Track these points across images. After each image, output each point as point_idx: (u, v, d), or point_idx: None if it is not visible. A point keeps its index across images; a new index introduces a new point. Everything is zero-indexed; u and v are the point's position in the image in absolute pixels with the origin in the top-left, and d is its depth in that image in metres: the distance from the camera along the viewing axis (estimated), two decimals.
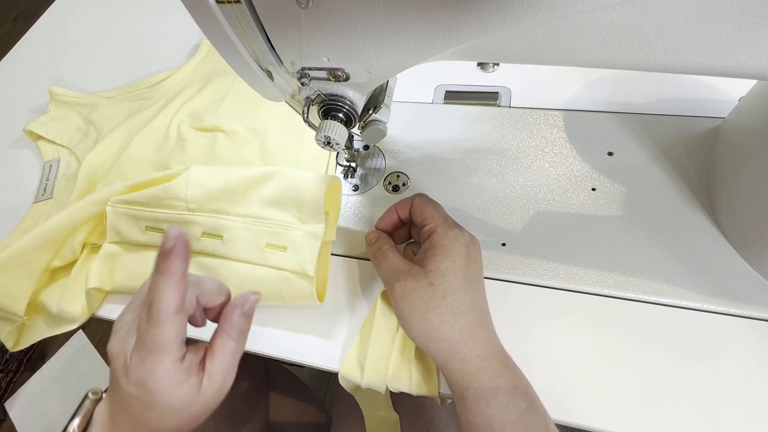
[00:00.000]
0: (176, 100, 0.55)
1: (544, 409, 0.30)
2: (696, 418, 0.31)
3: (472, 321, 0.31)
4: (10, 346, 0.43)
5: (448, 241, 0.33)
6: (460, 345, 0.30)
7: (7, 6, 2.04)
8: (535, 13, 0.22)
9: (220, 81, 0.56)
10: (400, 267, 0.33)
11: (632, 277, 0.36)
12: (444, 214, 0.35)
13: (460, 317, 0.31)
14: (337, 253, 0.42)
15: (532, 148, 0.44)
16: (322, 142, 0.33)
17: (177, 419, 0.26)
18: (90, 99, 0.58)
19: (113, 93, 0.59)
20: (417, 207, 0.36)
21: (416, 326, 0.31)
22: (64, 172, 0.52)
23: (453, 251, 0.32)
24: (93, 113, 0.56)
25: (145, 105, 0.56)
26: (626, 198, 0.40)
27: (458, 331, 0.30)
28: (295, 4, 0.24)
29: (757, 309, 0.33)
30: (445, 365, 0.30)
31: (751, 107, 0.36)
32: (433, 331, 0.31)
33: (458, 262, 0.32)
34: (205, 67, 0.59)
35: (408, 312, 0.32)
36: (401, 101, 0.50)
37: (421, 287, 0.31)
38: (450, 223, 0.34)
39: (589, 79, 0.48)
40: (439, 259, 0.32)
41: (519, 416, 0.28)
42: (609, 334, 0.34)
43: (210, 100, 0.54)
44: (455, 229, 0.33)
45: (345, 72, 0.29)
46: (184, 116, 0.53)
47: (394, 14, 0.24)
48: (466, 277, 0.32)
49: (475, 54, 0.27)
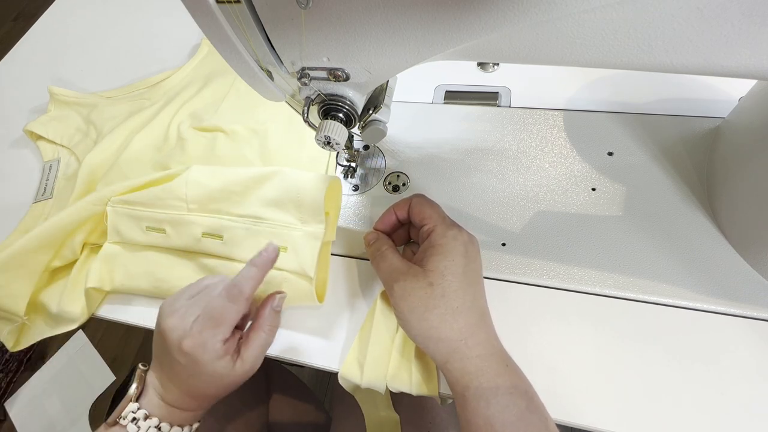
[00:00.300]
0: (176, 100, 0.55)
1: (544, 408, 0.30)
2: (696, 418, 0.31)
3: (472, 320, 0.31)
4: (10, 346, 0.43)
5: (446, 240, 0.33)
6: (460, 344, 0.30)
7: (7, 6, 2.04)
8: (535, 13, 0.22)
9: (220, 81, 0.56)
10: (399, 267, 0.33)
11: (632, 277, 0.36)
12: (442, 213, 0.35)
13: (460, 317, 0.31)
14: (337, 253, 0.42)
15: (532, 148, 0.44)
16: (322, 142, 0.33)
17: (213, 387, 0.33)
18: (90, 99, 0.58)
19: (113, 93, 0.59)
20: (415, 207, 0.36)
21: (416, 326, 0.31)
22: (64, 172, 0.52)
23: (452, 251, 0.32)
24: (93, 113, 0.56)
25: (145, 105, 0.56)
26: (626, 198, 0.40)
27: (458, 330, 0.30)
28: (295, 4, 0.24)
29: (757, 309, 0.33)
30: (445, 365, 0.30)
31: (751, 107, 0.36)
32: (432, 330, 0.31)
33: (457, 261, 0.32)
34: (205, 67, 0.59)
35: (407, 312, 0.32)
36: (401, 101, 0.50)
37: (421, 287, 0.31)
38: (448, 222, 0.34)
39: (589, 79, 0.48)
40: (438, 259, 0.32)
41: (519, 416, 0.28)
42: (609, 334, 0.34)
43: (210, 100, 0.54)
44: (454, 229, 0.33)
45: (345, 72, 0.29)
46: (184, 116, 0.53)
47: (394, 14, 0.24)
48: (465, 276, 0.32)
49: (475, 54, 0.27)
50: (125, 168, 0.49)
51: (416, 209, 0.35)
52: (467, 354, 0.30)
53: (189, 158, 0.48)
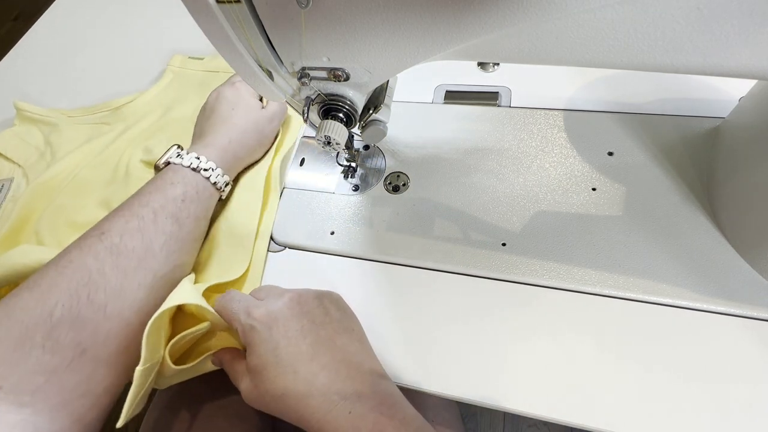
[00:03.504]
0: (134, 129, 0.53)
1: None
2: (695, 418, 0.31)
3: (301, 404, 0.30)
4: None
5: (247, 339, 0.32)
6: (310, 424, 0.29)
7: (7, 6, 2.04)
8: (535, 13, 0.22)
9: (179, 110, 0.53)
10: (238, 375, 0.33)
11: (632, 277, 0.36)
12: (239, 306, 0.34)
13: (288, 401, 0.30)
14: (337, 253, 0.42)
15: (532, 148, 0.44)
16: (322, 142, 0.33)
17: (251, 121, 0.45)
18: (53, 117, 0.56)
19: (76, 113, 0.56)
20: (221, 313, 0.35)
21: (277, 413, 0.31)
22: (15, 193, 0.50)
23: (253, 347, 0.32)
24: (53, 134, 0.54)
25: (104, 130, 0.54)
26: (626, 198, 0.40)
27: (297, 414, 0.30)
28: (295, 4, 0.24)
29: (757, 309, 0.33)
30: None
31: (751, 107, 0.36)
32: (287, 415, 0.30)
33: (263, 355, 0.31)
34: (168, 94, 0.56)
35: (262, 408, 0.31)
36: (401, 101, 0.50)
37: (252, 390, 0.31)
38: (242, 319, 0.33)
39: (589, 79, 0.48)
40: (249, 359, 0.32)
41: None
42: (609, 334, 0.34)
43: (166, 131, 0.52)
44: (250, 322, 0.32)
45: (345, 72, 0.29)
46: (137, 148, 0.51)
47: (394, 14, 0.24)
48: (277, 365, 0.31)
49: (475, 54, 0.27)
50: (68, 204, 0.47)
51: (222, 315, 0.35)
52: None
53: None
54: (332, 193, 0.45)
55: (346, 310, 0.36)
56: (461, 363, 0.35)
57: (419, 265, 0.40)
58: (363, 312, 0.38)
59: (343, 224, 0.43)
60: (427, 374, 0.35)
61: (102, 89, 0.59)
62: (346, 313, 0.35)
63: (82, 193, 0.48)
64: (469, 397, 0.34)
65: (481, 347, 0.35)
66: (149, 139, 0.51)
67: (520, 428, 0.93)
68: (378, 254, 0.41)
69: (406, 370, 0.35)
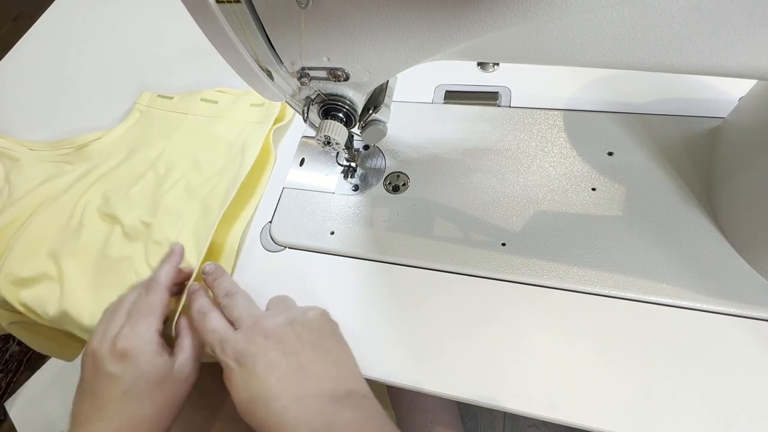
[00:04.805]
0: (95, 172, 0.50)
1: None
2: (696, 418, 0.31)
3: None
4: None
5: (224, 372, 0.32)
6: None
7: (7, 6, 2.04)
8: (535, 14, 0.22)
9: (141, 155, 0.51)
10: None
11: (632, 277, 0.36)
12: (213, 338, 0.33)
13: (266, 430, 0.30)
14: (337, 253, 0.42)
15: (532, 148, 0.44)
16: (322, 142, 0.33)
17: (155, 401, 0.32)
18: (16, 151, 0.54)
19: (40, 147, 0.54)
20: (203, 337, 0.34)
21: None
22: None
23: (229, 381, 0.31)
24: (13, 170, 0.52)
25: (65, 170, 0.52)
26: (626, 198, 0.40)
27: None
28: (295, 4, 0.24)
29: (757, 309, 0.33)
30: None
31: (751, 107, 0.36)
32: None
33: (237, 390, 0.31)
34: (132, 135, 0.53)
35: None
36: (401, 101, 0.50)
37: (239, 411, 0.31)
38: (219, 350, 0.32)
39: (589, 79, 0.48)
40: (230, 390, 0.32)
41: None
42: (609, 334, 0.34)
43: (125, 178, 0.49)
44: (223, 358, 0.32)
45: (345, 72, 0.29)
46: (96, 192, 0.49)
47: (393, 14, 0.24)
48: (251, 401, 0.30)
49: (475, 54, 0.27)
50: (15, 253, 0.45)
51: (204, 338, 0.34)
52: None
53: (80, 250, 0.45)
54: (332, 193, 0.45)
55: (322, 330, 0.34)
56: (461, 363, 0.35)
57: (419, 265, 0.40)
58: (362, 312, 0.38)
59: (343, 224, 0.43)
60: (427, 374, 0.35)
61: (97, 92, 0.59)
62: (322, 333, 0.34)
63: (34, 244, 0.46)
64: (469, 397, 0.34)
65: (480, 347, 0.35)
66: (109, 184, 0.49)
67: (520, 428, 0.93)
68: (378, 254, 0.41)
69: (406, 370, 0.35)
